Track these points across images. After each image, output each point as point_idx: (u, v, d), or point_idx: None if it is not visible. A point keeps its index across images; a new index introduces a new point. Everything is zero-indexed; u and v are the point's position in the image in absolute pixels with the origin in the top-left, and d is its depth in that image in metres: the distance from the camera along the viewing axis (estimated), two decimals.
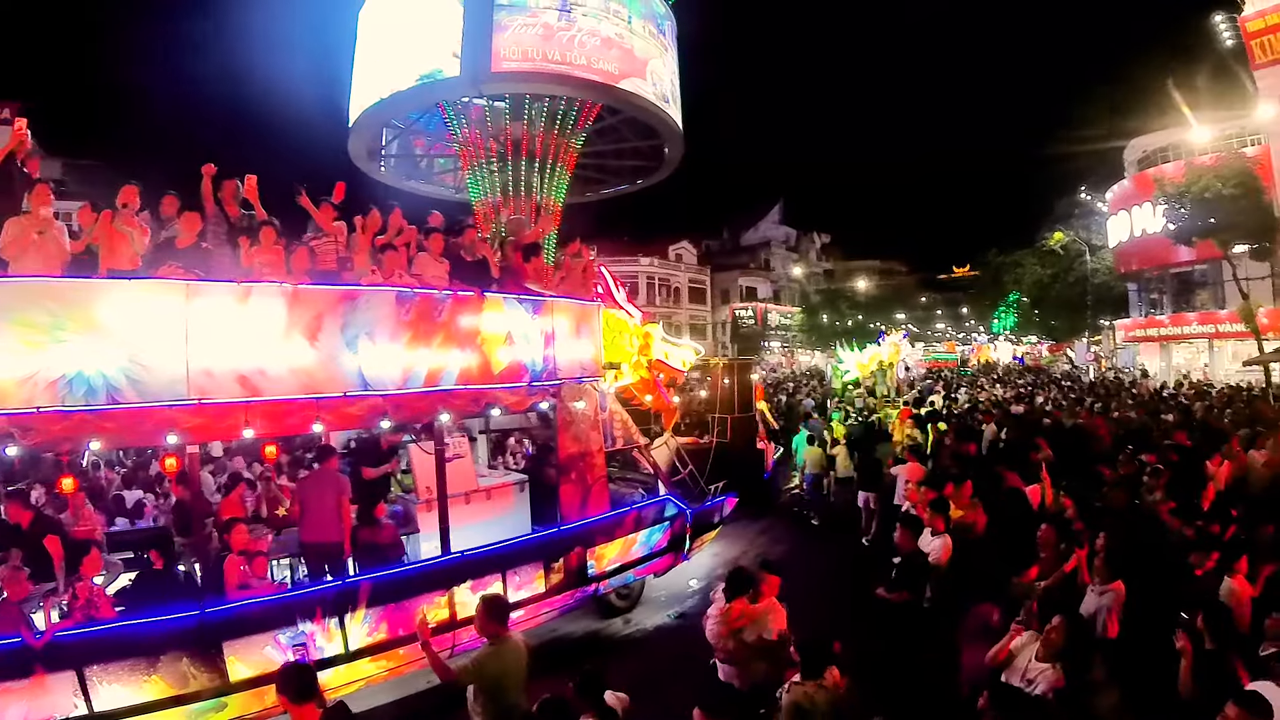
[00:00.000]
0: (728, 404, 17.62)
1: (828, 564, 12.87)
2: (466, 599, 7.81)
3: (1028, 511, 9.68)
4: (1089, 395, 26.63)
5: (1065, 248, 53.08)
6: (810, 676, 5.45)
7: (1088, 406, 21.22)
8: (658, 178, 31.96)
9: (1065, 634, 5.70)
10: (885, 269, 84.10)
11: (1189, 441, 13.10)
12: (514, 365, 8.73)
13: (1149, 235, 39.22)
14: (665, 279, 65.89)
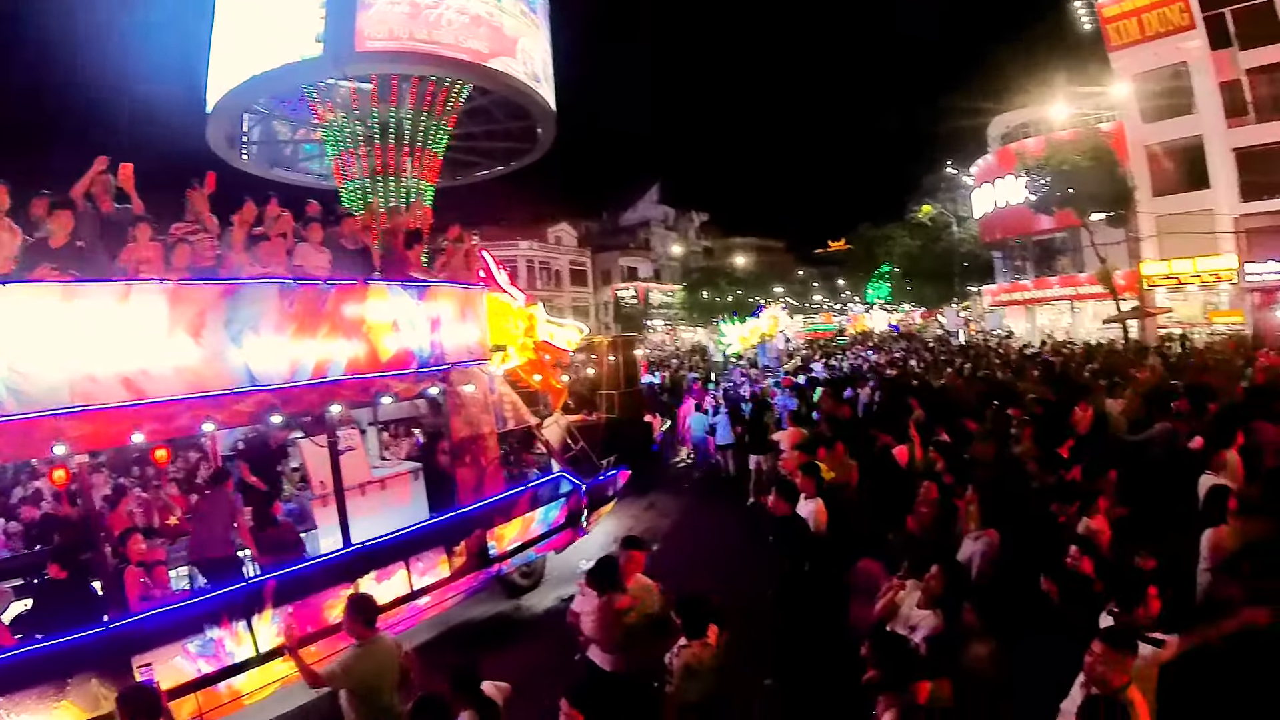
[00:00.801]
0: (614, 380, 18.02)
1: (716, 529, 13.41)
2: (372, 590, 7.80)
3: (898, 470, 10.07)
4: (959, 357, 28.07)
5: (933, 220, 56.04)
6: (695, 636, 5.60)
7: (957, 368, 22.35)
8: (530, 159, 31.93)
9: (943, 581, 5.92)
10: (763, 246, 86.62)
11: (1052, 395, 14.03)
12: (401, 352, 8.81)
13: (1012, 206, 41.59)
14: (545, 262, 65.99)
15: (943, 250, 54.34)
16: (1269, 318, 32.82)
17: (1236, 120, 34.15)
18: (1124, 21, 36.57)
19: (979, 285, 53.94)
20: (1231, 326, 33.72)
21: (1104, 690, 4.35)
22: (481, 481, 9.70)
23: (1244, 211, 33.92)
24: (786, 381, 20.85)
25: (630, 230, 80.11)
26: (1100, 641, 4.48)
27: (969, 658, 5.49)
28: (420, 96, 24.79)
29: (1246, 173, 34.06)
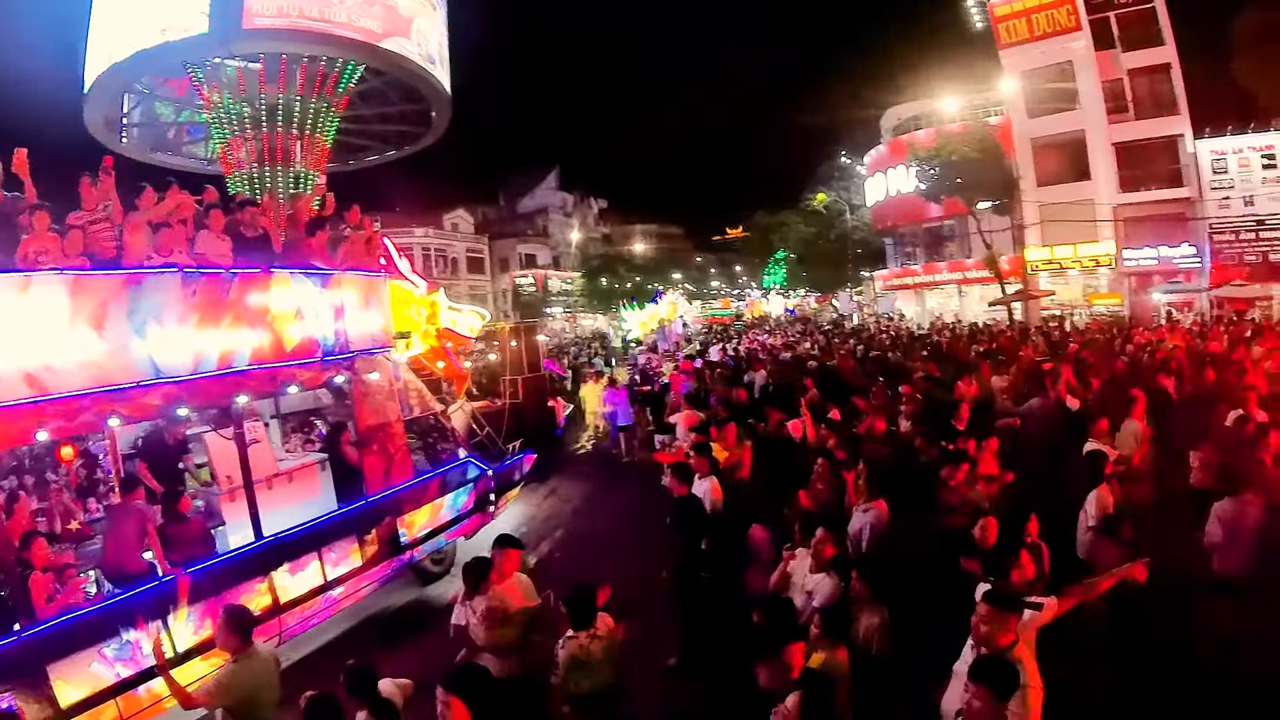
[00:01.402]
0: (517, 365, 18.18)
1: (620, 513, 13.75)
2: (286, 582, 7.90)
3: (793, 446, 10.47)
4: (852, 339, 29.13)
5: (828, 207, 57.87)
6: (582, 627, 5.55)
7: (850, 349, 23.18)
8: (424, 143, 31.54)
9: (831, 544, 6.22)
10: (662, 233, 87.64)
11: (939, 372, 14.76)
12: (306, 341, 8.80)
13: (903, 194, 43.89)
14: (442, 249, 65.21)
15: (837, 237, 56.32)
16: (1144, 300, 35.63)
17: (1117, 117, 36.82)
18: (1014, 21, 38.94)
19: (872, 270, 55.89)
20: (1110, 308, 36.43)
21: (991, 650, 4.49)
22: (389, 469, 9.80)
23: (1122, 202, 36.50)
24: (686, 365, 21.29)
25: (528, 217, 79.81)
26: (984, 602, 4.64)
27: (860, 627, 5.70)
28: (311, 77, 24.28)
29: (1125, 166, 36.74)
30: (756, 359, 21.75)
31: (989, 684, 4.00)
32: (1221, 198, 35.18)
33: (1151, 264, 36.38)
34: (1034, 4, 38.22)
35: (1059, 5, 37.61)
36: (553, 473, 16.94)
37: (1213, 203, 35.25)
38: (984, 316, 38.28)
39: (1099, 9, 36.88)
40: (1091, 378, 12.99)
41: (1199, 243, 35.28)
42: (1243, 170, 34.75)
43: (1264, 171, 34.33)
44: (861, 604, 5.84)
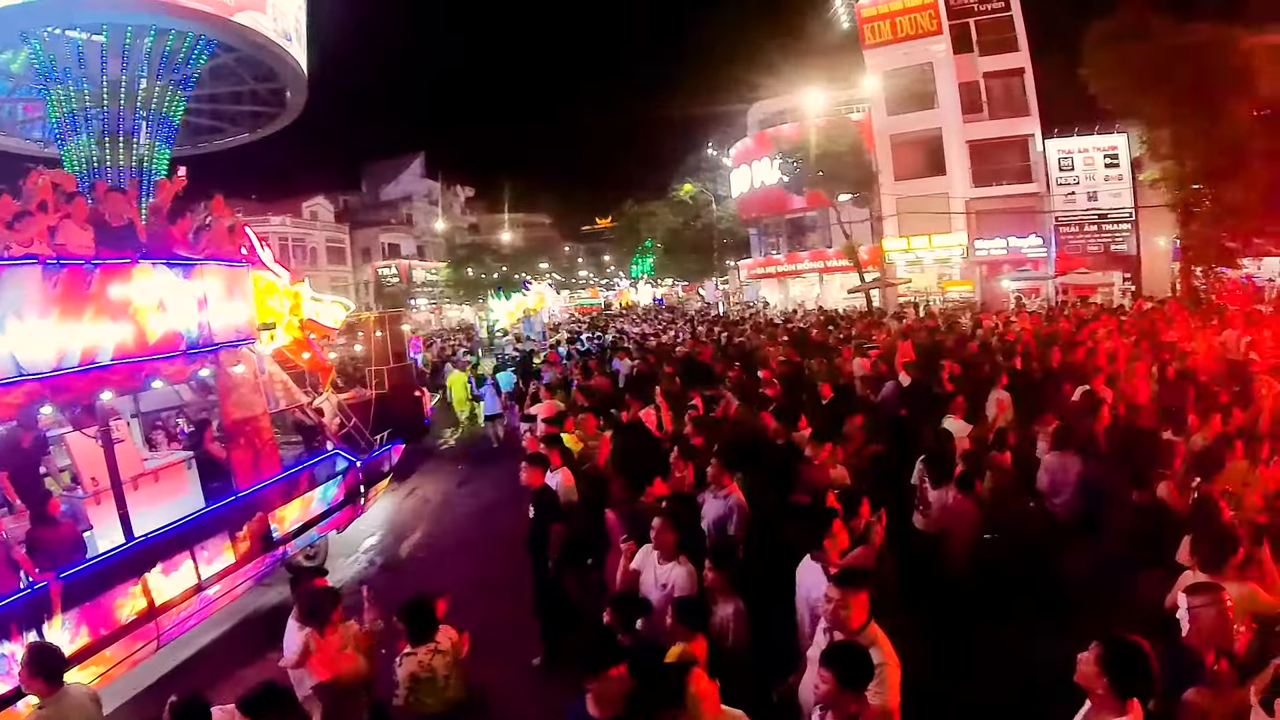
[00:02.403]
0: (382, 356, 18.21)
1: (484, 507, 14.07)
2: (161, 584, 7.83)
3: (650, 436, 10.52)
4: (716, 326, 30.09)
5: (694, 198, 59.02)
6: (420, 642, 5.43)
7: (714, 336, 23.99)
8: (279, 125, 30.59)
9: (671, 532, 6.10)
10: (530, 222, 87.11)
11: (798, 357, 15.57)
12: (170, 334, 8.68)
13: (767, 186, 45.21)
14: (300, 239, 63.05)
15: (703, 227, 57.61)
16: (994, 287, 38.99)
17: (972, 117, 39.89)
18: (879, 23, 41.42)
19: (737, 260, 57.25)
20: (962, 294, 39.62)
21: (845, 632, 4.54)
22: (258, 464, 9.82)
23: (974, 195, 39.61)
24: (553, 356, 21.67)
25: (392, 205, 78.15)
26: (832, 584, 4.70)
27: (716, 617, 5.69)
28: (156, 51, 23.36)
29: (978, 162, 39.98)
30: (622, 348, 22.19)
31: (838, 670, 3.97)
32: (1067, 193, 38.75)
33: (1001, 254, 39.91)
34: (898, 7, 40.81)
35: (922, 10, 40.33)
36: (419, 465, 17.13)
37: (1059, 197, 38.76)
38: (844, 303, 40.54)
39: (959, 15, 39.87)
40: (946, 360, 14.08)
41: (1046, 234, 38.94)
42: (1087, 168, 38.47)
43: (1106, 169, 38.17)
44: (717, 593, 5.78)
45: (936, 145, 40.62)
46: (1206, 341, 15.55)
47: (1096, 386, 10.97)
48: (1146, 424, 9.48)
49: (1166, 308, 24.07)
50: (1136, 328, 18.34)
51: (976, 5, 39.79)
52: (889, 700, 4.32)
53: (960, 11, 39.82)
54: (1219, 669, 4.22)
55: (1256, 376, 10.76)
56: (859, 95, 42.78)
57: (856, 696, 3.98)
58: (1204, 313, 22.24)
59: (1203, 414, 9.02)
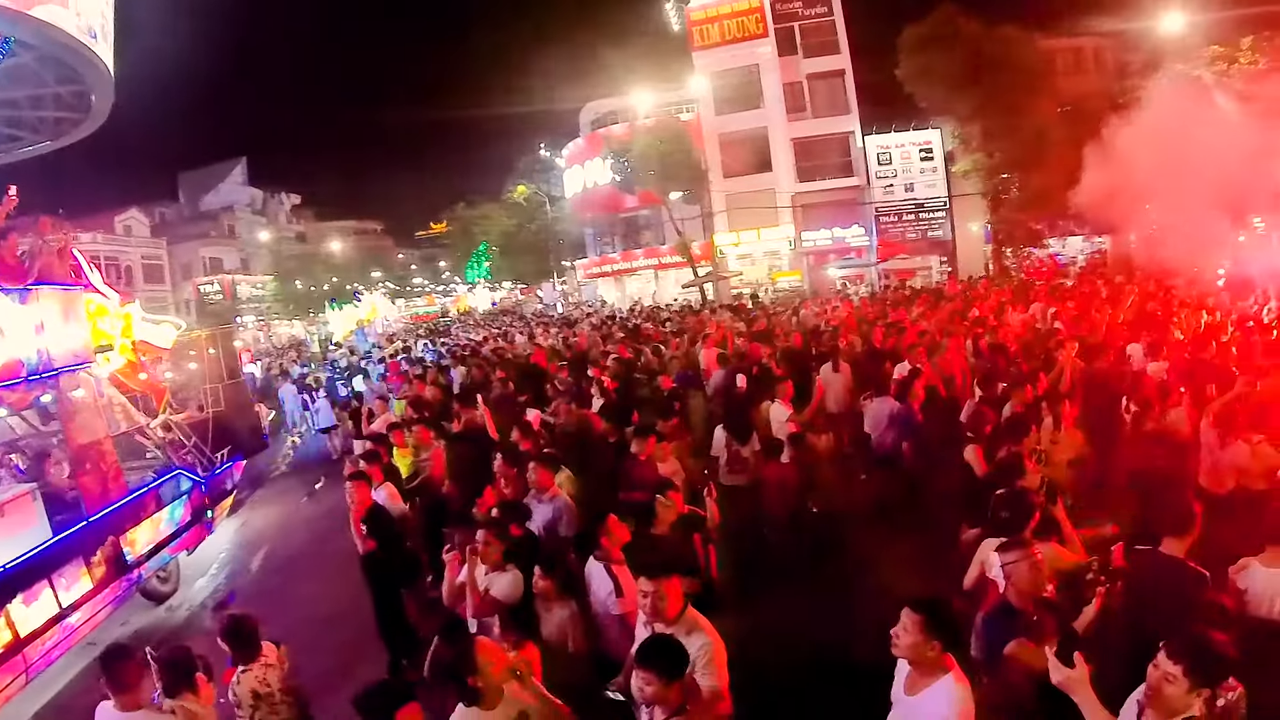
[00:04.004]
0: (216, 373, 17.94)
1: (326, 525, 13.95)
2: (21, 615, 7.71)
3: (483, 445, 10.04)
4: (554, 327, 30.68)
5: (529, 199, 59.35)
6: (249, 660, 5.30)
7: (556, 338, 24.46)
8: (84, 131, 29.20)
9: (496, 542, 6.00)
10: (360, 229, 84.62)
11: (629, 353, 16.14)
12: (10, 362, 8.57)
13: (601, 186, 46.31)
14: (114, 257, 58.16)
15: (539, 228, 58.12)
16: (822, 275, 42.04)
17: (795, 115, 42.79)
18: (707, 26, 43.53)
19: (573, 260, 57.98)
20: (792, 284, 42.16)
21: (664, 622, 4.62)
22: (105, 488, 9.72)
23: (800, 190, 42.44)
24: (394, 366, 21.69)
25: (213, 216, 73.76)
26: (644, 578, 4.76)
27: (552, 623, 5.75)
28: None
29: (802, 158, 42.86)
30: (458, 355, 22.33)
31: (656, 667, 3.93)
32: (886, 185, 42.19)
33: (827, 244, 43.06)
34: (726, 11, 43.06)
35: (749, 14, 42.77)
36: (261, 482, 17.06)
37: (879, 189, 42.13)
38: (680, 298, 41.87)
39: (784, 19, 42.71)
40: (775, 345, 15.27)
41: (867, 224, 42.35)
42: (904, 162, 42.05)
43: (922, 163, 41.92)
44: (549, 599, 5.78)
45: (763, 143, 43.12)
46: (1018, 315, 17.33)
47: (914, 361, 11.99)
48: (961, 394, 10.55)
49: (980, 286, 26.45)
50: (952, 306, 20.15)
51: (800, 10, 42.75)
52: (718, 681, 4.44)
53: (785, 16, 42.67)
54: (1038, 621, 4.50)
55: (1060, 345, 12.05)
56: (688, 96, 44.62)
57: (679, 687, 3.97)
58: (1014, 289, 24.58)
59: (1013, 382, 10.01)
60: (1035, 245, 40.53)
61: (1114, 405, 9.48)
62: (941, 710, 3.83)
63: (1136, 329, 13.49)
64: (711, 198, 42.86)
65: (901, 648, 3.97)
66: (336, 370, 25.58)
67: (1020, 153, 33.12)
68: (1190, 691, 3.45)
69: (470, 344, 27.45)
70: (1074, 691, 3.60)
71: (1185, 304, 16.25)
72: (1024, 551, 4.78)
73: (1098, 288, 21.80)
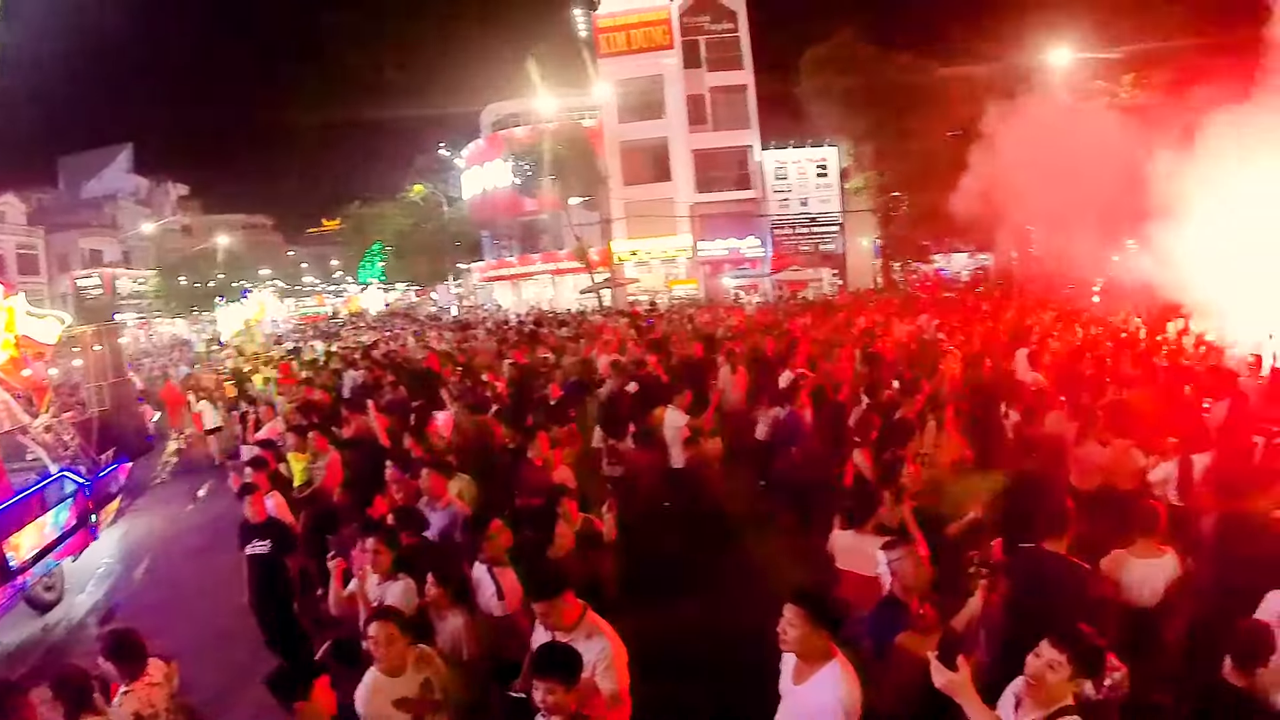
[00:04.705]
0: (101, 371, 17.34)
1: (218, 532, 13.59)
2: None
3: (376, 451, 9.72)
4: (449, 330, 30.47)
5: (425, 199, 58.42)
6: (135, 678, 5.01)
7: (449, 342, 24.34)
8: None
9: (386, 551, 5.90)
10: (250, 223, 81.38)
11: (525, 360, 16.25)
12: None
13: (500, 188, 46.15)
14: None
15: (435, 229, 56.93)
16: (717, 284, 43.07)
17: (697, 127, 43.62)
18: (614, 34, 43.91)
19: (469, 263, 57.43)
20: (688, 292, 42.77)
21: (562, 632, 4.58)
22: None
23: (698, 200, 43.13)
24: (285, 366, 21.22)
25: (94, 204, 68.53)
26: (533, 600, 4.81)
27: (445, 633, 5.61)
28: None
29: (701, 169, 43.64)
30: (349, 357, 21.91)
31: (552, 675, 3.92)
32: (782, 199, 43.78)
33: (723, 254, 44.08)
34: (634, 20, 43.45)
35: (656, 24, 43.30)
36: (148, 485, 16.49)
37: (775, 202, 43.66)
38: (577, 304, 42.05)
39: (691, 32, 43.50)
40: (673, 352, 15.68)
41: (763, 235, 43.58)
42: (800, 177, 43.75)
43: (817, 179, 43.75)
44: (442, 608, 5.67)
45: (663, 153, 43.74)
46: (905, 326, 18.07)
47: (799, 365, 12.60)
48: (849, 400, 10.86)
49: (869, 298, 27.53)
50: (842, 316, 21.00)
51: (707, 24, 43.54)
52: (617, 684, 4.48)
53: (692, 29, 43.45)
54: (923, 613, 4.69)
55: (943, 355, 12.56)
56: (591, 102, 44.73)
57: (577, 692, 3.97)
58: (901, 301, 25.57)
59: (901, 389, 10.42)
60: (922, 260, 43.91)
61: (993, 411, 10.00)
62: (828, 696, 3.95)
63: (1016, 341, 14.22)
64: (611, 205, 43.28)
65: (790, 641, 4.06)
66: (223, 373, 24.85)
67: (910, 173, 35.07)
68: (1071, 680, 3.68)
69: (362, 346, 26.94)
70: (957, 694, 3.73)
71: (1062, 317, 17.11)
72: (908, 549, 5.01)
73: (980, 302, 22.73)
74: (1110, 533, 5.81)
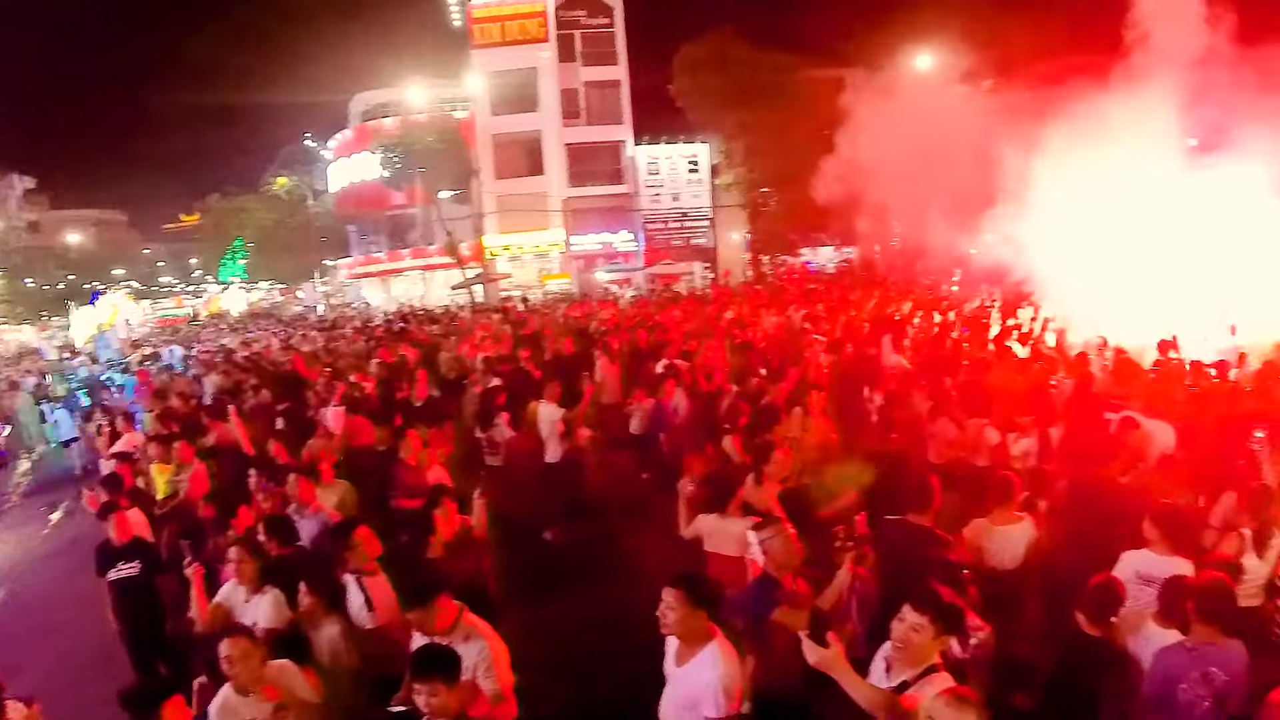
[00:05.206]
0: None
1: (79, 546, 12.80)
2: None
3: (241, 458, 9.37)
4: (315, 330, 29.79)
5: (290, 192, 56.52)
6: None
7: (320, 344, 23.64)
8: None
9: (250, 560, 5.72)
10: (104, 220, 76.66)
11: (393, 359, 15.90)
12: None
13: (368, 181, 45.10)
14: None
15: (300, 224, 54.89)
16: (590, 278, 43.15)
17: (570, 121, 43.59)
18: (489, 25, 43.17)
19: (335, 259, 55.86)
20: (561, 287, 42.63)
21: (441, 636, 4.54)
22: None
23: (571, 195, 43.14)
24: (144, 375, 20.14)
25: None
26: (409, 610, 4.79)
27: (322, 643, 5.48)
28: None
29: (574, 164, 43.70)
30: (209, 361, 21.00)
31: (431, 676, 3.89)
32: (654, 194, 44.00)
33: (596, 249, 44.14)
34: (510, 12, 42.91)
35: (531, 17, 42.82)
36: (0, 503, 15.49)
37: (647, 197, 43.84)
38: (448, 300, 41.31)
39: (567, 25, 43.28)
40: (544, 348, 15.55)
41: (636, 230, 43.83)
42: (672, 172, 44.12)
43: (689, 174, 44.25)
44: (316, 617, 5.51)
45: (536, 146, 43.49)
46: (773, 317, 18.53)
47: (671, 357, 12.77)
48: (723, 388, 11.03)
49: (739, 290, 28.15)
50: (712, 308, 21.46)
51: (583, 19, 43.46)
52: (499, 683, 4.53)
53: (568, 23, 43.26)
54: (795, 589, 4.86)
55: (809, 343, 12.98)
56: (464, 94, 44.13)
57: (458, 693, 3.98)
58: (770, 292, 26.27)
59: (769, 377, 10.81)
60: (790, 254, 45.17)
61: (857, 395, 10.43)
62: (708, 674, 4.06)
63: (878, 329, 14.78)
64: (482, 198, 42.74)
65: (671, 624, 4.16)
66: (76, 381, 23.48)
67: (779, 170, 35.63)
68: (936, 639, 3.85)
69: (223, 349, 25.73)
70: (830, 669, 3.83)
71: (921, 305, 17.88)
72: (777, 528, 5.13)
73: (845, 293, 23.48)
74: (970, 504, 6.17)
